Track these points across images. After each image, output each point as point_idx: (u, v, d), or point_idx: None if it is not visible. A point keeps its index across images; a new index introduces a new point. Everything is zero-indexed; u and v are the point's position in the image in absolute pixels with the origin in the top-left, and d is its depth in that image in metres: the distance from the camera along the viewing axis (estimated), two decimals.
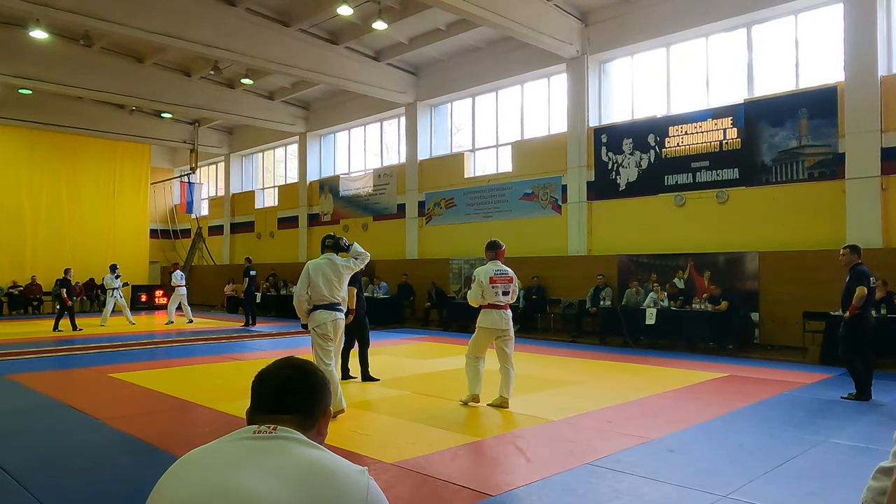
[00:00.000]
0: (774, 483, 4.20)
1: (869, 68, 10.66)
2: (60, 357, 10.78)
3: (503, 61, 16.10)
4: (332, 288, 6.27)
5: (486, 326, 6.71)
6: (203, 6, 14.03)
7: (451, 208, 17.51)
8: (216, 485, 1.25)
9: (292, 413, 1.42)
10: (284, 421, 1.39)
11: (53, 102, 21.05)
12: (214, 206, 27.77)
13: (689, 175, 12.94)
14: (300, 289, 6.23)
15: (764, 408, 6.58)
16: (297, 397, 1.44)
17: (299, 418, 1.41)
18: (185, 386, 7.95)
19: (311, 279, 6.22)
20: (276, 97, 21.25)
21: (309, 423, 1.43)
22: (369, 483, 1.31)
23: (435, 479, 4.32)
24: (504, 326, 6.69)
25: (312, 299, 6.23)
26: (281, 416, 1.41)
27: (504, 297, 6.68)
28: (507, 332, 6.71)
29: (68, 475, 4.50)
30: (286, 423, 1.38)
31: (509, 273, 6.78)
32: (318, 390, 1.48)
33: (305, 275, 6.25)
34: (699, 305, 11.44)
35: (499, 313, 6.69)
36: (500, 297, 6.66)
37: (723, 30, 12.84)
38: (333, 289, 6.28)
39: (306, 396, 1.45)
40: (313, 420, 1.44)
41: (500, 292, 6.67)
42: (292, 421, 1.40)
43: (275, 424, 1.37)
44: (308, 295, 6.21)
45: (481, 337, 6.80)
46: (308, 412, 1.44)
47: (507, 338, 6.73)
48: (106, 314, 16.93)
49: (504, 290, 6.69)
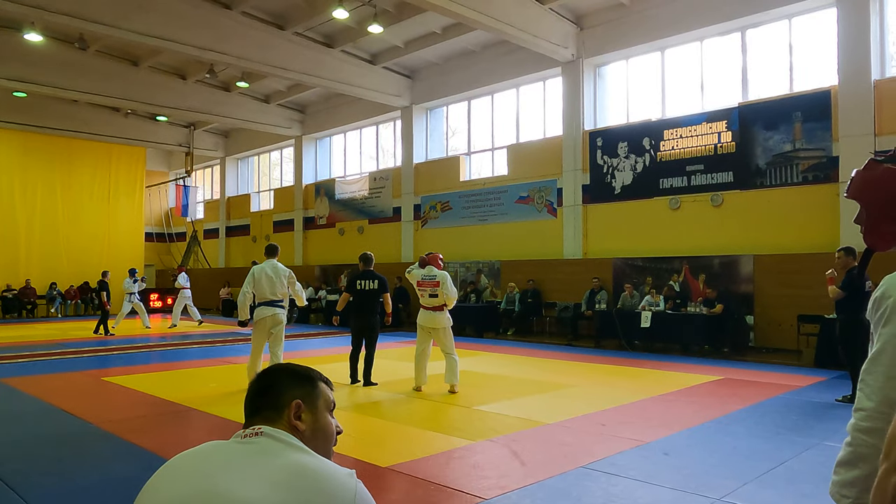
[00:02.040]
0: (768, 486, 4.20)
1: (862, 72, 10.72)
2: (54, 361, 10.72)
3: (499, 65, 16.12)
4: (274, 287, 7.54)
5: (419, 323, 7.83)
6: (198, 9, 14.01)
7: (447, 211, 17.52)
8: (202, 488, 1.24)
9: (262, 410, 1.43)
10: (257, 422, 1.40)
11: (48, 105, 21.00)
12: (210, 209, 27.73)
13: (683, 178, 12.97)
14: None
15: (758, 411, 6.59)
16: (262, 396, 1.46)
17: (267, 413, 1.42)
18: (180, 390, 7.92)
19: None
20: (272, 100, 21.25)
21: (275, 416, 1.41)
22: (357, 486, 1.30)
23: (429, 483, 4.31)
24: (432, 325, 7.66)
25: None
26: (256, 417, 1.42)
27: (431, 299, 7.65)
28: (436, 329, 7.66)
29: (61, 479, 4.47)
30: (260, 422, 1.39)
31: (436, 278, 7.67)
32: (279, 382, 1.47)
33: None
34: (694, 309, 11.45)
35: (427, 313, 7.72)
36: (427, 298, 7.67)
37: (717, 34, 12.89)
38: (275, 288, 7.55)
39: (269, 390, 1.46)
40: (279, 413, 1.42)
41: (427, 294, 7.68)
42: (263, 419, 1.41)
43: (260, 427, 1.37)
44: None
45: (418, 333, 7.87)
46: (273, 407, 1.43)
47: (439, 335, 7.66)
48: (120, 317, 16.50)
49: (431, 292, 7.65)
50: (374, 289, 8.06)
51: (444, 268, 8.12)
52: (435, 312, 7.66)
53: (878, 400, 1.42)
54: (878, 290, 1.51)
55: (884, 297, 1.50)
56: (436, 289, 7.62)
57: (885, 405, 1.41)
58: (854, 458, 1.45)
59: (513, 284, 14.99)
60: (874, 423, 1.42)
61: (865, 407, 1.45)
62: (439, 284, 7.62)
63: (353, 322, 8.26)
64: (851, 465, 1.45)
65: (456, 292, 7.79)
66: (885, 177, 1.61)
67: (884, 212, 1.61)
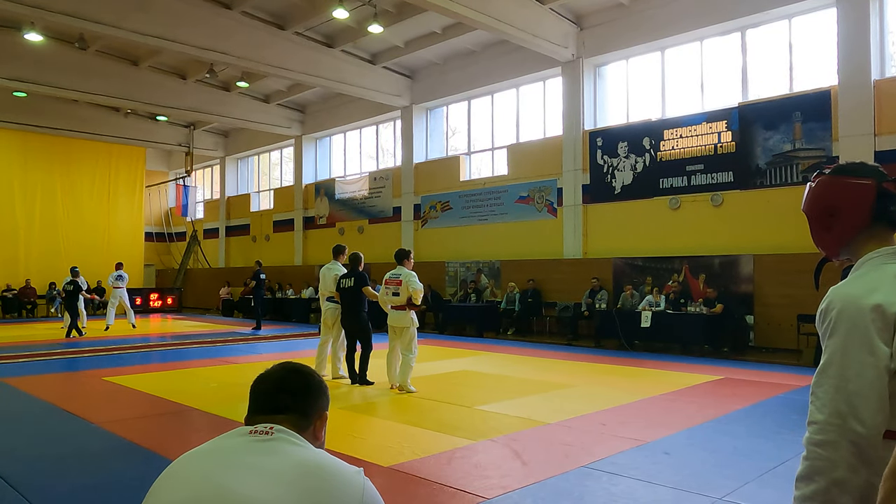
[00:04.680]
0: (769, 486, 4.21)
1: (862, 72, 10.72)
2: (55, 361, 10.73)
3: (499, 65, 16.13)
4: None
5: (388, 323, 7.95)
6: (198, 9, 14.01)
7: (447, 211, 17.52)
8: (213, 486, 1.25)
9: (287, 412, 1.42)
10: (280, 420, 1.40)
11: (48, 105, 20.99)
12: (210, 209, 27.73)
13: (683, 178, 12.98)
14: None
15: (759, 410, 6.60)
16: (292, 396, 1.46)
17: (294, 417, 1.42)
18: (181, 389, 7.92)
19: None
20: (272, 100, 21.25)
21: (304, 423, 1.43)
22: (365, 483, 1.31)
23: (431, 483, 4.31)
24: (394, 324, 7.82)
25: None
26: (276, 416, 1.42)
27: (394, 298, 7.80)
28: (395, 328, 7.84)
29: (62, 478, 4.48)
30: (281, 423, 1.39)
31: (400, 277, 7.80)
32: (313, 391, 1.49)
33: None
34: (694, 308, 11.46)
35: (392, 312, 7.84)
36: (391, 297, 7.83)
37: (717, 34, 12.89)
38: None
39: (301, 396, 1.46)
40: (308, 421, 1.45)
41: (391, 293, 7.83)
42: (287, 420, 1.40)
43: (271, 425, 1.38)
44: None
45: (388, 333, 7.99)
46: (302, 412, 1.44)
47: (399, 333, 7.79)
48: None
49: (394, 291, 7.80)
50: (352, 286, 8.12)
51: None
52: (398, 311, 7.77)
53: (829, 412, 1.43)
54: (823, 303, 1.56)
55: (828, 310, 1.53)
56: (398, 287, 7.73)
57: (835, 416, 1.41)
58: (811, 472, 1.45)
59: (513, 284, 15.00)
60: (826, 435, 1.42)
61: (817, 420, 1.45)
62: (401, 283, 7.72)
63: (344, 323, 8.34)
64: (809, 480, 1.45)
65: (421, 286, 7.86)
66: (819, 187, 1.67)
67: (820, 222, 1.68)
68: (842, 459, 1.39)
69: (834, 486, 1.40)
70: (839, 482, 1.39)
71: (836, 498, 1.40)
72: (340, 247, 9.08)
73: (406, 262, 7.97)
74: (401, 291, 7.72)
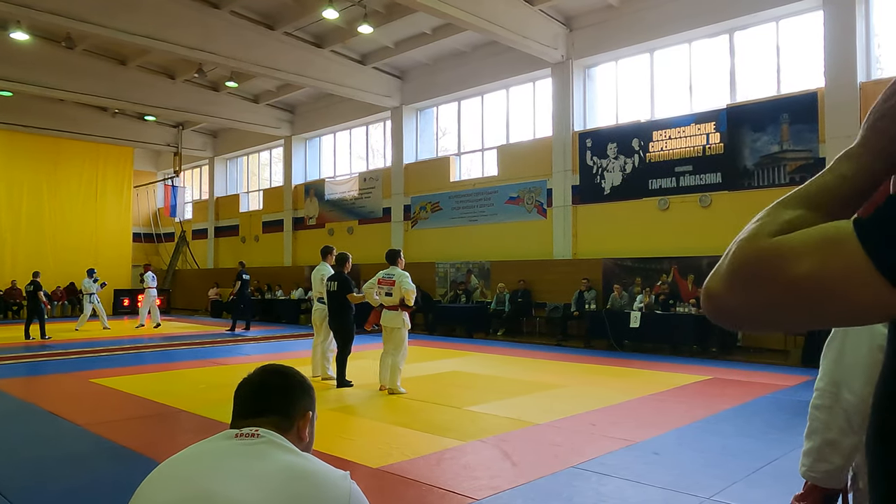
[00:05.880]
0: (757, 485, 4.23)
1: (848, 74, 10.82)
2: (40, 363, 10.63)
3: (488, 66, 16.14)
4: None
5: (381, 323, 7.89)
6: (187, 8, 13.93)
7: (437, 212, 17.52)
8: (199, 489, 1.24)
9: (268, 414, 1.42)
10: (261, 423, 1.39)
11: (34, 105, 20.76)
12: (198, 209, 27.57)
13: (672, 179, 13.05)
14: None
15: (747, 410, 6.64)
16: (273, 397, 1.45)
17: (276, 419, 1.41)
18: (169, 391, 7.86)
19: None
20: (261, 100, 21.15)
21: (286, 424, 1.42)
22: (351, 488, 1.30)
23: (420, 484, 4.31)
24: (387, 324, 7.77)
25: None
26: (258, 419, 1.41)
27: (387, 298, 7.76)
28: (386, 327, 7.78)
29: (48, 481, 4.43)
30: (263, 425, 1.38)
31: (393, 277, 7.74)
32: (293, 391, 1.48)
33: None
34: (683, 309, 11.51)
35: (386, 312, 7.79)
36: (384, 297, 7.79)
37: (705, 36, 12.97)
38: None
39: (281, 396, 1.46)
40: (290, 422, 1.43)
41: (384, 293, 7.78)
42: (269, 422, 1.40)
43: (256, 428, 1.37)
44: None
45: (382, 333, 7.94)
46: (284, 413, 1.43)
47: (391, 333, 7.75)
48: (83, 319, 16.64)
49: (387, 291, 7.75)
50: (335, 291, 8.09)
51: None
52: (391, 312, 7.75)
53: (827, 381, 1.62)
54: None
55: None
56: (391, 287, 7.71)
57: (831, 385, 1.60)
58: (810, 430, 1.65)
59: (503, 285, 15.01)
60: (823, 400, 1.62)
61: (818, 387, 1.64)
62: (394, 283, 7.68)
63: (331, 324, 8.35)
64: (808, 437, 1.66)
65: (413, 287, 7.82)
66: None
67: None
68: (835, 423, 1.58)
69: (826, 446, 1.60)
70: (831, 442, 1.59)
71: (828, 456, 1.60)
72: (328, 248, 9.03)
73: (399, 261, 7.95)
74: (394, 292, 7.69)
